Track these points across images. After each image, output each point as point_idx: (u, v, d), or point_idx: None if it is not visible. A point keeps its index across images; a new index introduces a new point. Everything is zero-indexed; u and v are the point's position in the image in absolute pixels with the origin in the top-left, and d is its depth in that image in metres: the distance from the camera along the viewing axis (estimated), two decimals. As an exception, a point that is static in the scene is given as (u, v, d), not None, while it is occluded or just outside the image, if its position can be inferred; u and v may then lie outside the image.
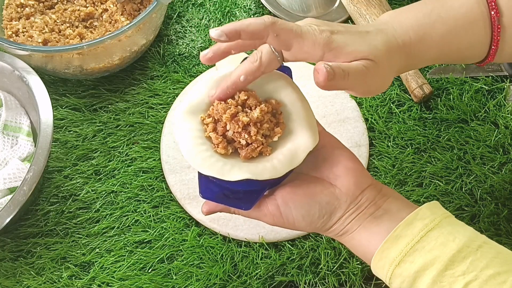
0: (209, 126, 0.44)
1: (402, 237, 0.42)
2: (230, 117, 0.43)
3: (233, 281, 0.61)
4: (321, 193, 0.44)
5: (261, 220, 0.47)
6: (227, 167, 0.42)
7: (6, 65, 0.69)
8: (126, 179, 0.70)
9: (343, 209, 0.44)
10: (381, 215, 0.44)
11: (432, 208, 0.43)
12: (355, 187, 0.44)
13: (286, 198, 0.45)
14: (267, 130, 0.44)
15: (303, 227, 0.45)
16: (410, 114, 0.72)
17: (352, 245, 0.46)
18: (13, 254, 0.65)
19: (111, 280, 0.62)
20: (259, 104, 0.44)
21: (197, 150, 0.43)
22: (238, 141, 0.43)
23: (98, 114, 0.76)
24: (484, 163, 0.67)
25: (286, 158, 0.43)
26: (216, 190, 0.45)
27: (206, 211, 0.48)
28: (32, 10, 0.79)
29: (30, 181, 0.59)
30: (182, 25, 0.84)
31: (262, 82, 0.46)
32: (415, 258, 0.41)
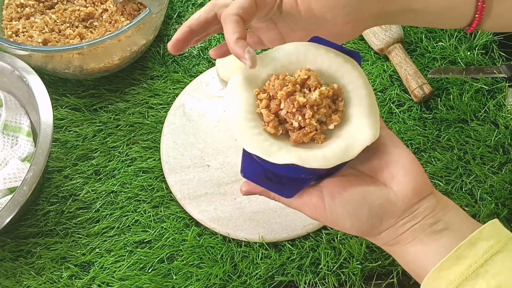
0: (263, 102, 0.40)
1: (464, 258, 0.38)
2: (286, 95, 0.39)
3: (233, 281, 0.61)
4: (374, 193, 0.40)
5: (302, 211, 0.43)
6: (274, 148, 0.39)
7: (6, 65, 0.69)
8: (126, 179, 0.70)
9: (396, 215, 0.40)
10: (441, 229, 0.40)
11: (496, 227, 0.40)
12: (412, 194, 0.40)
13: (334, 192, 0.40)
14: (324, 115, 0.40)
15: (347, 228, 0.41)
16: (410, 114, 0.72)
17: (403, 259, 0.42)
18: (13, 254, 0.65)
19: (111, 280, 0.62)
20: (320, 86, 0.40)
21: (246, 125, 0.40)
22: (291, 122, 0.40)
23: (98, 114, 0.76)
24: (484, 163, 0.67)
25: (339, 149, 0.39)
26: (259, 171, 0.41)
27: (245, 191, 0.44)
28: (32, 10, 0.79)
29: (30, 181, 0.59)
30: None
31: (328, 64, 0.42)
32: (478, 282, 0.37)
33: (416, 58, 0.77)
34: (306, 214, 0.43)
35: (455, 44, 0.77)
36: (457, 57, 0.75)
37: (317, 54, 0.42)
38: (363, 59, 0.78)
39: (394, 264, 0.61)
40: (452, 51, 0.76)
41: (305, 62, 0.42)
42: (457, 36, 0.77)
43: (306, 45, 0.43)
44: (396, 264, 0.61)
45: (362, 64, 0.77)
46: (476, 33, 0.77)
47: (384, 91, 0.74)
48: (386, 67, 0.76)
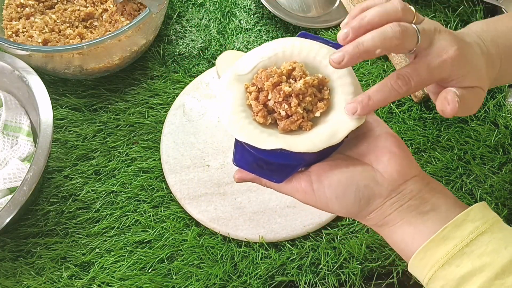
0: (252, 94, 0.43)
1: (450, 239, 0.39)
2: (272, 85, 0.42)
3: (233, 281, 0.61)
4: (360, 175, 0.41)
5: (293, 196, 0.44)
6: (263, 135, 0.41)
7: (6, 65, 0.69)
8: (126, 179, 0.70)
9: (383, 196, 0.41)
10: (427, 211, 0.41)
11: (483, 210, 0.41)
12: (398, 175, 0.41)
13: (321, 175, 0.42)
14: (310, 104, 0.42)
15: (336, 210, 0.42)
16: (410, 114, 0.72)
17: (392, 239, 0.43)
18: (13, 254, 0.65)
19: (111, 280, 0.62)
20: (305, 77, 0.42)
21: (236, 117, 0.42)
22: (278, 111, 0.42)
23: (98, 114, 0.76)
24: (484, 163, 0.67)
25: (325, 134, 0.41)
26: (250, 159, 0.43)
27: (237, 178, 0.46)
28: (32, 10, 0.79)
29: (30, 181, 0.59)
30: (182, 25, 0.84)
31: (314, 56, 0.44)
32: (462, 262, 0.38)
33: (416, 58, 0.77)
34: (297, 199, 0.44)
35: (455, 44, 0.76)
36: (457, 57, 0.75)
37: (302, 47, 0.44)
38: (363, 59, 0.78)
39: (394, 264, 0.61)
40: (452, 51, 0.76)
41: (291, 56, 0.44)
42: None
43: (291, 39, 0.45)
44: (396, 264, 0.61)
45: (362, 64, 0.77)
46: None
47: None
48: (386, 67, 0.76)
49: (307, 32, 0.46)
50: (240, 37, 0.83)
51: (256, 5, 0.86)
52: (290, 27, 0.83)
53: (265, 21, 0.84)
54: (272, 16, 0.84)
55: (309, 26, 0.82)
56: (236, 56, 0.75)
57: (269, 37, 0.82)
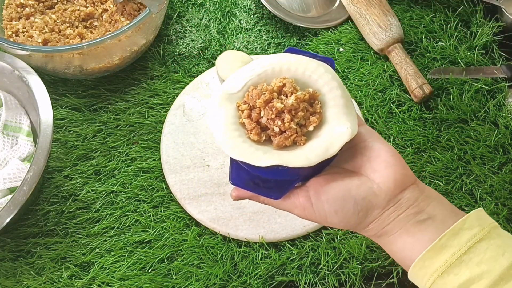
0: (244, 112, 0.43)
1: (447, 247, 0.39)
2: (264, 102, 0.42)
3: (233, 281, 0.61)
4: (358, 187, 0.41)
5: (292, 212, 0.44)
6: (258, 153, 0.41)
7: (6, 65, 0.69)
8: (126, 179, 0.70)
9: (381, 207, 0.41)
10: (425, 219, 0.41)
11: (479, 217, 0.41)
12: (395, 185, 0.41)
13: (319, 190, 0.42)
14: (302, 118, 0.42)
15: (336, 223, 0.42)
16: (410, 114, 0.72)
17: (391, 249, 0.43)
18: (13, 254, 0.65)
19: (111, 280, 0.62)
20: (296, 92, 0.42)
21: (230, 135, 0.42)
22: (272, 128, 0.42)
23: (98, 114, 0.76)
24: (484, 163, 0.67)
25: (320, 147, 0.41)
26: (247, 177, 0.44)
27: (235, 196, 0.46)
28: (32, 10, 0.79)
29: (30, 181, 0.59)
30: (182, 25, 0.84)
31: (303, 70, 0.44)
32: (461, 270, 0.38)
33: (416, 58, 0.77)
34: (296, 215, 0.44)
35: (455, 44, 0.77)
36: (457, 57, 0.75)
37: (291, 62, 0.45)
38: (363, 59, 0.78)
39: (394, 264, 0.61)
40: (452, 51, 0.76)
41: (280, 72, 0.45)
42: (457, 36, 0.77)
43: (279, 56, 0.45)
44: (396, 264, 0.61)
45: (363, 65, 0.77)
46: (476, 33, 0.77)
47: (384, 91, 0.74)
48: (386, 67, 0.76)
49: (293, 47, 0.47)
50: (240, 37, 0.82)
51: (256, 5, 0.86)
52: (290, 27, 0.83)
53: (265, 21, 0.84)
54: (272, 16, 0.84)
55: (309, 26, 0.82)
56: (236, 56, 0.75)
57: (269, 37, 0.82)
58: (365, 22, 0.78)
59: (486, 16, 0.79)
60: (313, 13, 0.85)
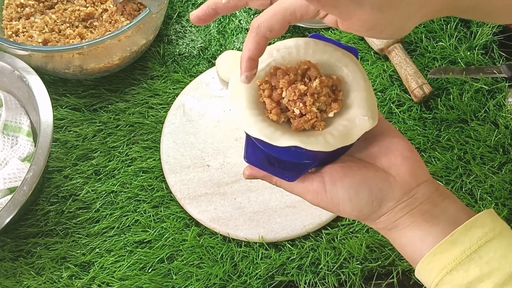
0: (265, 92, 0.42)
1: (458, 243, 0.39)
2: (287, 83, 0.41)
3: (233, 281, 0.61)
4: (374, 177, 0.41)
5: (304, 197, 0.44)
6: (277, 132, 0.40)
7: (6, 65, 0.69)
8: (126, 179, 0.70)
9: (395, 199, 0.41)
10: (438, 215, 0.41)
11: (491, 216, 0.41)
12: (411, 178, 0.41)
13: (335, 176, 0.41)
14: (324, 103, 0.42)
15: (347, 212, 0.42)
16: (410, 114, 0.72)
17: (400, 242, 0.43)
18: (13, 254, 0.65)
19: (111, 280, 0.62)
20: (320, 76, 0.42)
21: (249, 113, 0.41)
22: (292, 110, 0.42)
23: (98, 114, 0.76)
24: (484, 163, 0.67)
25: (340, 134, 0.41)
26: (262, 156, 0.43)
27: (248, 175, 0.46)
28: (32, 10, 0.79)
29: (30, 181, 0.59)
30: (182, 25, 0.84)
31: (328, 57, 0.44)
32: (470, 267, 0.38)
33: (416, 58, 0.77)
34: (307, 200, 0.44)
35: (455, 44, 0.77)
36: (457, 57, 0.75)
37: (317, 48, 0.44)
38: (363, 59, 0.78)
39: (394, 264, 0.61)
40: (452, 51, 0.76)
41: (305, 56, 0.44)
42: (457, 36, 0.77)
43: (306, 40, 0.44)
44: (396, 264, 0.61)
45: (362, 64, 0.77)
46: (476, 32, 0.77)
47: (384, 91, 0.74)
48: (386, 67, 0.76)
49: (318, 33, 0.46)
50: (240, 37, 0.82)
51: (256, 5, 0.86)
52: (290, 27, 0.83)
53: (265, 21, 0.84)
54: (272, 16, 0.84)
55: (309, 26, 0.82)
56: (236, 56, 0.75)
57: (269, 37, 0.82)
58: (365, 22, 0.78)
59: (486, 16, 0.79)
60: (313, 13, 0.84)
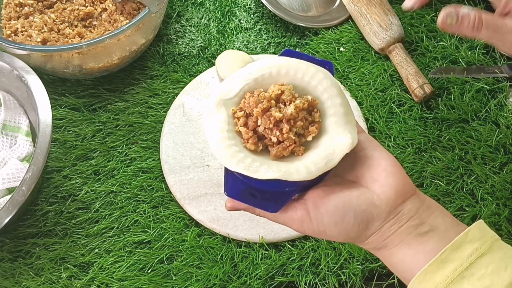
0: (240, 120, 0.41)
1: (449, 262, 0.38)
2: (261, 111, 0.40)
3: (233, 281, 0.61)
4: (358, 198, 0.40)
5: (289, 226, 0.43)
6: (256, 164, 0.39)
7: (5, 65, 0.69)
8: (126, 179, 0.69)
9: (381, 218, 0.40)
10: (426, 232, 0.40)
11: (481, 229, 0.40)
12: (395, 195, 0.40)
13: (318, 203, 0.41)
14: (301, 128, 0.41)
15: (335, 236, 0.41)
16: (410, 114, 0.71)
17: (391, 262, 0.42)
18: (12, 254, 0.65)
19: (110, 280, 0.62)
20: (294, 100, 0.41)
21: (226, 144, 0.40)
22: (269, 138, 0.41)
23: (97, 114, 0.75)
24: (485, 163, 0.67)
25: (320, 159, 0.40)
26: (242, 188, 0.42)
27: (230, 207, 0.45)
28: (31, 10, 0.78)
29: (29, 181, 0.59)
30: (182, 24, 0.84)
31: (301, 76, 0.43)
32: (463, 285, 0.38)
33: (417, 58, 0.76)
34: (293, 229, 0.43)
35: (456, 43, 0.76)
36: (458, 56, 0.75)
37: (290, 66, 0.43)
38: (364, 58, 0.78)
39: (394, 265, 0.60)
40: (453, 51, 0.76)
41: (278, 76, 0.43)
42: (458, 35, 0.77)
43: (277, 59, 0.43)
44: (396, 264, 0.60)
45: (363, 64, 0.77)
46: (477, 32, 0.77)
47: (384, 91, 0.74)
48: (386, 66, 0.76)
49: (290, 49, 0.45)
50: (240, 36, 0.82)
51: (256, 4, 0.85)
52: (290, 27, 0.83)
53: (265, 20, 0.84)
54: (272, 16, 0.84)
55: (309, 25, 0.82)
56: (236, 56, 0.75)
57: (269, 37, 0.82)
58: (366, 21, 0.78)
59: (487, 16, 0.79)
60: (313, 13, 0.84)
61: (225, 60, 0.75)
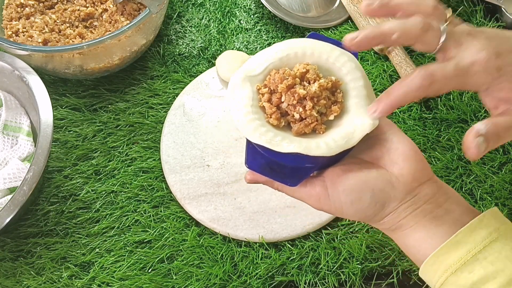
0: (264, 96, 0.42)
1: (463, 244, 0.39)
2: (286, 88, 0.41)
3: (233, 281, 0.61)
4: (376, 179, 0.40)
5: (306, 201, 0.43)
6: (278, 138, 0.40)
7: (6, 65, 0.69)
8: (126, 179, 0.70)
9: (398, 199, 0.40)
10: (442, 215, 0.40)
11: (496, 216, 0.40)
12: (413, 178, 0.40)
13: (336, 180, 0.41)
14: (324, 107, 0.41)
15: (351, 215, 0.42)
16: (410, 114, 0.72)
17: (404, 243, 0.42)
18: (13, 254, 0.65)
19: (111, 280, 0.62)
20: (319, 79, 0.42)
21: (249, 118, 0.41)
22: (292, 114, 0.41)
23: (98, 114, 0.76)
24: (484, 163, 0.67)
25: (341, 137, 0.40)
26: (263, 162, 0.42)
27: (249, 179, 0.45)
28: (32, 10, 0.79)
29: (30, 181, 0.59)
30: (182, 25, 0.84)
31: (326, 57, 0.43)
32: (475, 268, 0.38)
33: (416, 58, 0.77)
34: (310, 204, 0.43)
35: (455, 44, 0.76)
36: (457, 57, 0.75)
37: (315, 48, 0.44)
38: (363, 59, 0.78)
39: (394, 264, 0.61)
40: (452, 51, 0.76)
41: (303, 57, 0.44)
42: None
43: (303, 40, 0.44)
44: (396, 264, 0.61)
45: (362, 64, 0.77)
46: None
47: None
48: (386, 67, 0.76)
49: (316, 32, 0.45)
50: (240, 37, 0.82)
51: (256, 5, 0.86)
52: (290, 27, 0.83)
53: (265, 21, 0.84)
54: (272, 16, 0.84)
55: (309, 26, 0.82)
56: (236, 56, 0.75)
57: (269, 37, 0.82)
58: (365, 22, 0.78)
59: (486, 16, 0.79)
60: (313, 13, 0.85)
61: (225, 60, 0.75)
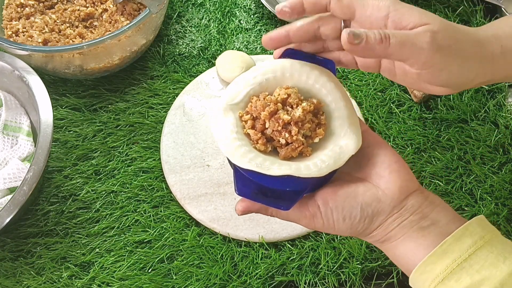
0: (248, 123, 0.42)
1: (449, 253, 0.40)
2: (269, 114, 0.42)
3: (233, 281, 0.61)
4: (363, 194, 0.42)
5: (299, 222, 0.44)
6: (267, 162, 0.41)
7: (6, 65, 0.69)
8: (126, 179, 0.70)
9: (386, 213, 0.42)
10: (428, 225, 0.41)
11: (481, 223, 0.41)
12: (399, 191, 0.42)
13: (327, 199, 0.42)
14: (308, 130, 0.42)
15: (343, 231, 0.43)
16: (410, 114, 0.72)
17: (393, 254, 0.43)
18: (13, 254, 0.65)
19: (111, 280, 0.62)
20: (301, 103, 0.42)
21: (236, 144, 0.41)
22: (277, 140, 0.42)
23: (98, 114, 0.76)
24: (484, 163, 0.67)
25: (328, 158, 0.41)
26: (253, 188, 0.42)
27: (241, 210, 0.44)
28: (32, 10, 0.79)
29: (30, 181, 0.59)
30: (182, 25, 0.85)
31: (305, 79, 0.44)
32: (461, 276, 0.39)
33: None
34: (303, 225, 0.44)
35: (455, 44, 0.76)
36: (457, 57, 0.75)
37: (293, 69, 0.44)
38: (363, 59, 0.78)
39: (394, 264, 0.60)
40: (452, 51, 0.76)
41: (283, 79, 0.44)
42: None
43: (281, 61, 0.44)
44: (396, 264, 0.61)
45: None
46: (476, 33, 0.77)
47: (384, 91, 0.74)
48: (386, 67, 0.76)
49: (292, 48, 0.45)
50: (240, 37, 0.83)
51: (256, 5, 0.86)
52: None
53: (265, 21, 0.84)
54: (272, 16, 0.84)
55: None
56: (236, 56, 0.75)
57: (269, 37, 0.82)
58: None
59: (486, 16, 0.79)
60: (313, 13, 0.84)
61: (225, 60, 0.75)
